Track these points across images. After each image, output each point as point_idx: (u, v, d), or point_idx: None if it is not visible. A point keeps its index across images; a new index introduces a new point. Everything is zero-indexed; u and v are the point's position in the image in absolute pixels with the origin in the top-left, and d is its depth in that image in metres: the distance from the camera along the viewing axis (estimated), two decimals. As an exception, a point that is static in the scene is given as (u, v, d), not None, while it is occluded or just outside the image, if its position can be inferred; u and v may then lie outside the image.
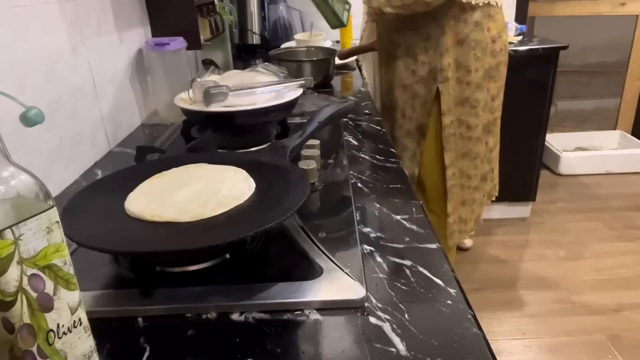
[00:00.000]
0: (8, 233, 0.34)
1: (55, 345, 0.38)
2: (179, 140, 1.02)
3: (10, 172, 0.36)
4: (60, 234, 0.38)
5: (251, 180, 0.66)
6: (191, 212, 0.59)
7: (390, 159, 0.92)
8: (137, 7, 1.18)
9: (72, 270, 0.40)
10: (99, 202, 0.63)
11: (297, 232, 0.66)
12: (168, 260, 0.59)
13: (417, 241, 0.65)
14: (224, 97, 0.93)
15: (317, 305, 0.52)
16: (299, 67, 1.44)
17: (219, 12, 1.49)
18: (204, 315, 0.52)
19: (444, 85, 1.31)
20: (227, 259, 0.60)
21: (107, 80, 1.02)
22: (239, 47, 2.10)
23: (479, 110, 1.34)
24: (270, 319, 0.51)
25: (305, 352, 0.47)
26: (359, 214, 0.72)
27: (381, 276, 0.57)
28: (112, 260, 0.61)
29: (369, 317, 0.51)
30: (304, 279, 0.56)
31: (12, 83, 0.73)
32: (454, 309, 0.52)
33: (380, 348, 0.47)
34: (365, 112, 1.22)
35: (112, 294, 0.56)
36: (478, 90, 1.32)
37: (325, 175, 0.84)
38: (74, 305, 0.40)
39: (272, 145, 0.79)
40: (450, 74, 1.30)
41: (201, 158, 0.75)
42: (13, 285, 0.35)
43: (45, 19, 0.82)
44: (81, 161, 0.92)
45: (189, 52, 1.33)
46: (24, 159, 0.73)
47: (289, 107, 0.96)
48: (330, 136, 1.03)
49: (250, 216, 0.59)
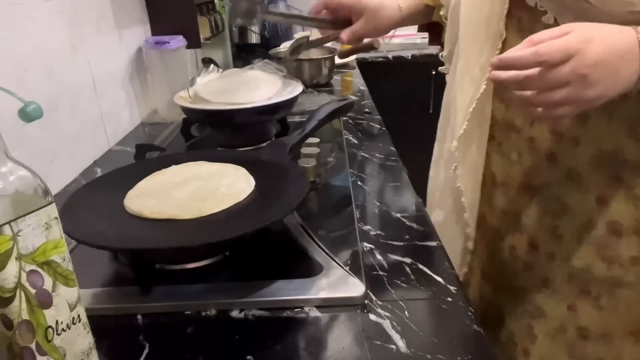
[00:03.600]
0: (7, 229, 0.34)
1: (54, 341, 0.38)
2: (179, 139, 1.02)
3: (9, 168, 0.36)
4: (59, 230, 0.38)
5: (251, 177, 0.66)
6: (191, 210, 0.58)
7: (390, 158, 0.92)
8: (137, 5, 1.18)
9: (71, 267, 0.39)
10: (99, 199, 0.63)
11: (297, 229, 0.66)
12: (167, 258, 0.59)
13: (417, 239, 0.65)
14: (253, 14, 0.80)
15: (317, 303, 0.52)
16: (299, 66, 1.44)
17: (218, 11, 1.49)
18: (203, 312, 0.52)
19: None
20: (226, 256, 0.60)
21: (107, 79, 1.02)
22: (238, 46, 2.10)
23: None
24: (270, 316, 0.51)
25: (305, 349, 0.47)
26: (359, 211, 0.72)
27: (381, 273, 0.57)
28: (112, 257, 0.61)
29: (369, 315, 0.51)
30: (303, 276, 0.56)
31: (12, 81, 0.72)
32: (454, 306, 0.52)
33: (380, 345, 0.47)
34: (365, 111, 1.21)
35: (111, 292, 0.56)
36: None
37: (325, 173, 0.84)
38: (73, 301, 0.40)
39: (271, 143, 0.79)
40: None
41: (201, 156, 0.75)
42: (12, 282, 0.35)
43: (44, 17, 0.82)
44: (81, 159, 0.91)
45: (189, 51, 1.33)
46: (23, 156, 0.72)
47: (288, 105, 0.96)
48: (330, 134, 1.03)
49: (250, 213, 0.59)
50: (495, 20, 0.64)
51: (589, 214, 0.64)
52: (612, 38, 0.50)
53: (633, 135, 0.59)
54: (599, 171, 0.62)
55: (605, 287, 0.66)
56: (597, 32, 0.50)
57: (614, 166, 0.61)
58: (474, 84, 0.69)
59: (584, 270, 0.66)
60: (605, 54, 0.49)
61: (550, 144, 0.65)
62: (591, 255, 0.65)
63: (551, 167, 0.66)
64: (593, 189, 0.63)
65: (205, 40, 1.34)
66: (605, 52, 0.49)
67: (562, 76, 0.49)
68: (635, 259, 0.63)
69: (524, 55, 0.49)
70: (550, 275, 0.70)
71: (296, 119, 1.12)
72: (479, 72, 0.68)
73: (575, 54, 0.48)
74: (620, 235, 0.63)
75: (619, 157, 0.60)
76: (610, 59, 0.49)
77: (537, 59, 0.49)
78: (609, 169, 0.62)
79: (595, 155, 0.62)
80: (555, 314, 0.70)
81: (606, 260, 0.65)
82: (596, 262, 0.65)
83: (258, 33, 2.09)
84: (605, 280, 0.65)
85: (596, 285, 0.66)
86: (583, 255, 0.66)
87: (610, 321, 0.67)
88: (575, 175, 0.64)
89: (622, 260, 0.64)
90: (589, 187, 0.64)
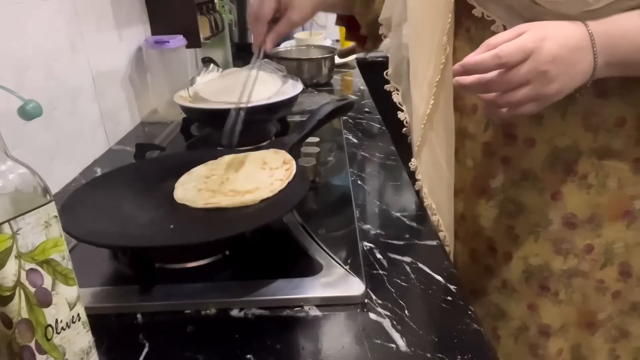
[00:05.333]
0: (6, 227, 0.34)
1: (53, 340, 0.38)
2: (179, 138, 1.02)
3: (9, 166, 0.36)
4: (58, 228, 0.38)
5: None
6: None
7: (390, 157, 0.92)
8: (136, 4, 1.18)
9: (71, 265, 0.39)
10: (98, 198, 0.63)
11: (297, 228, 0.65)
12: (167, 257, 0.59)
13: (417, 238, 0.65)
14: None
15: (316, 302, 0.52)
16: (298, 65, 1.44)
17: (218, 11, 1.48)
18: (203, 311, 0.52)
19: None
20: (226, 255, 0.59)
21: (107, 78, 1.02)
22: (238, 46, 2.09)
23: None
24: (270, 315, 0.51)
25: (304, 348, 0.47)
26: (359, 211, 0.72)
27: (381, 273, 0.57)
28: (111, 256, 0.61)
29: (368, 314, 0.51)
30: (303, 275, 0.55)
31: (11, 80, 0.72)
32: (454, 305, 0.52)
33: (380, 344, 0.46)
34: (365, 110, 1.21)
35: (111, 291, 0.56)
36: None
37: (325, 173, 0.84)
38: (72, 300, 0.39)
39: (272, 143, 0.79)
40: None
41: (201, 155, 0.75)
42: (11, 280, 0.35)
43: (44, 16, 0.81)
44: (80, 159, 0.91)
45: (189, 51, 1.33)
46: (23, 156, 0.72)
47: (288, 105, 0.96)
48: (330, 134, 1.03)
49: (249, 212, 0.59)
50: (438, 36, 0.65)
51: (544, 211, 0.66)
52: (565, 34, 0.52)
53: (587, 127, 0.61)
54: (553, 168, 0.64)
55: (563, 281, 0.67)
56: (551, 29, 0.52)
57: (569, 160, 0.63)
58: (423, 101, 0.68)
59: (542, 267, 0.68)
60: (561, 49, 0.51)
61: (504, 147, 0.66)
62: (547, 251, 0.67)
63: (506, 170, 0.67)
64: (548, 185, 0.65)
65: (205, 40, 1.34)
66: (561, 47, 0.51)
67: (522, 75, 0.51)
68: (589, 247, 0.65)
69: (485, 59, 0.51)
70: (509, 276, 0.71)
71: (296, 118, 1.12)
72: (426, 88, 0.68)
73: (532, 52, 0.50)
74: (574, 226, 0.65)
75: (574, 150, 0.62)
76: (566, 54, 0.51)
77: (498, 61, 0.50)
78: (564, 163, 0.63)
79: (550, 153, 0.63)
80: (516, 314, 0.71)
81: (562, 253, 0.66)
82: (552, 257, 0.67)
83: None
84: (562, 274, 0.67)
85: (554, 281, 0.68)
86: (540, 252, 0.68)
87: (567, 312, 0.68)
88: (531, 175, 0.66)
89: (577, 250, 0.66)
90: (544, 185, 0.65)
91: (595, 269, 0.66)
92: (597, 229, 0.64)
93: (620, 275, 0.66)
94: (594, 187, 0.63)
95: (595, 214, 0.64)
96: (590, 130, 0.61)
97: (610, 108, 0.59)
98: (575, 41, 0.52)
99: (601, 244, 0.64)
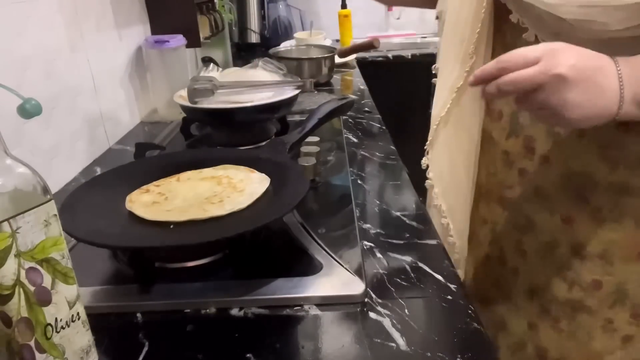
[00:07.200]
0: (5, 226, 0.34)
1: (53, 339, 0.38)
2: (179, 138, 1.02)
3: (8, 165, 0.36)
4: (58, 227, 0.38)
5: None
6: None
7: (390, 156, 0.91)
8: (136, 4, 1.18)
9: (70, 264, 0.39)
10: (98, 198, 0.63)
11: (297, 228, 0.65)
12: (167, 256, 0.59)
13: (417, 237, 0.65)
14: (210, 93, 0.89)
15: (316, 301, 0.52)
16: (298, 65, 1.44)
17: (218, 10, 1.48)
18: (203, 310, 0.52)
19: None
20: (226, 255, 0.59)
21: (107, 78, 1.02)
22: (238, 45, 2.09)
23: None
24: (270, 314, 0.51)
25: (304, 347, 0.47)
26: (359, 210, 0.72)
27: (381, 272, 0.57)
28: (111, 255, 0.61)
29: (368, 313, 0.51)
30: (303, 274, 0.55)
31: (11, 80, 0.72)
32: (454, 304, 0.52)
33: (380, 343, 0.46)
34: (365, 110, 1.21)
35: (111, 290, 0.56)
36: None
37: (325, 172, 0.84)
38: (72, 299, 0.39)
39: (271, 142, 0.79)
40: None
41: (200, 155, 0.75)
42: (10, 279, 0.35)
43: (44, 16, 0.81)
44: (80, 158, 0.91)
45: (189, 50, 1.33)
46: (22, 155, 0.72)
47: (288, 104, 0.96)
48: (330, 133, 1.03)
49: (250, 212, 0.59)
50: (466, 44, 0.65)
51: (553, 233, 0.64)
52: (586, 52, 0.49)
53: (603, 157, 0.58)
54: (566, 191, 0.62)
55: (566, 310, 0.65)
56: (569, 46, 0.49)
57: (582, 187, 0.61)
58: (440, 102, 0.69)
59: (545, 289, 0.66)
60: (580, 57, 0.48)
61: (522, 159, 0.66)
62: (552, 274, 0.65)
63: (522, 182, 0.66)
64: (560, 208, 0.63)
65: (205, 40, 1.34)
66: (580, 56, 0.49)
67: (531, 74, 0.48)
68: (597, 283, 0.62)
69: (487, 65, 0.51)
70: (514, 290, 0.70)
71: (296, 117, 1.12)
72: (447, 92, 0.68)
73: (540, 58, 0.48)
74: (583, 258, 0.63)
75: (589, 179, 0.60)
76: (585, 65, 0.48)
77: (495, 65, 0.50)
78: (577, 189, 0.61)
79: (565, 174, 0.62)
80: (516, 329, 0.71)
81: (567, 281, 0.64)
82: (557, 282, 0.65)
83: (258, 32, 2.09)
84: (565, 303, 0.65)
85: (556, 306, 0.66)
86: (545, 273, 0.66)
87: (569, 347, 0.66)
88: (543, 193, 0.64)
89: (583, 283, 0.63)
90: (555, 206, 0.64)
91: (604, 307, 0.63)
92: (608, 266, 0.61)
93: (633, 318, 0.62)
94: (608, 222, 0.60)
95: (607, 251, 0.61)
96: (607, 162, 0.58)
97: (635, 145, 0.57)
98: (597, 61, 0.49)
99: (612, 283, 0.62)
